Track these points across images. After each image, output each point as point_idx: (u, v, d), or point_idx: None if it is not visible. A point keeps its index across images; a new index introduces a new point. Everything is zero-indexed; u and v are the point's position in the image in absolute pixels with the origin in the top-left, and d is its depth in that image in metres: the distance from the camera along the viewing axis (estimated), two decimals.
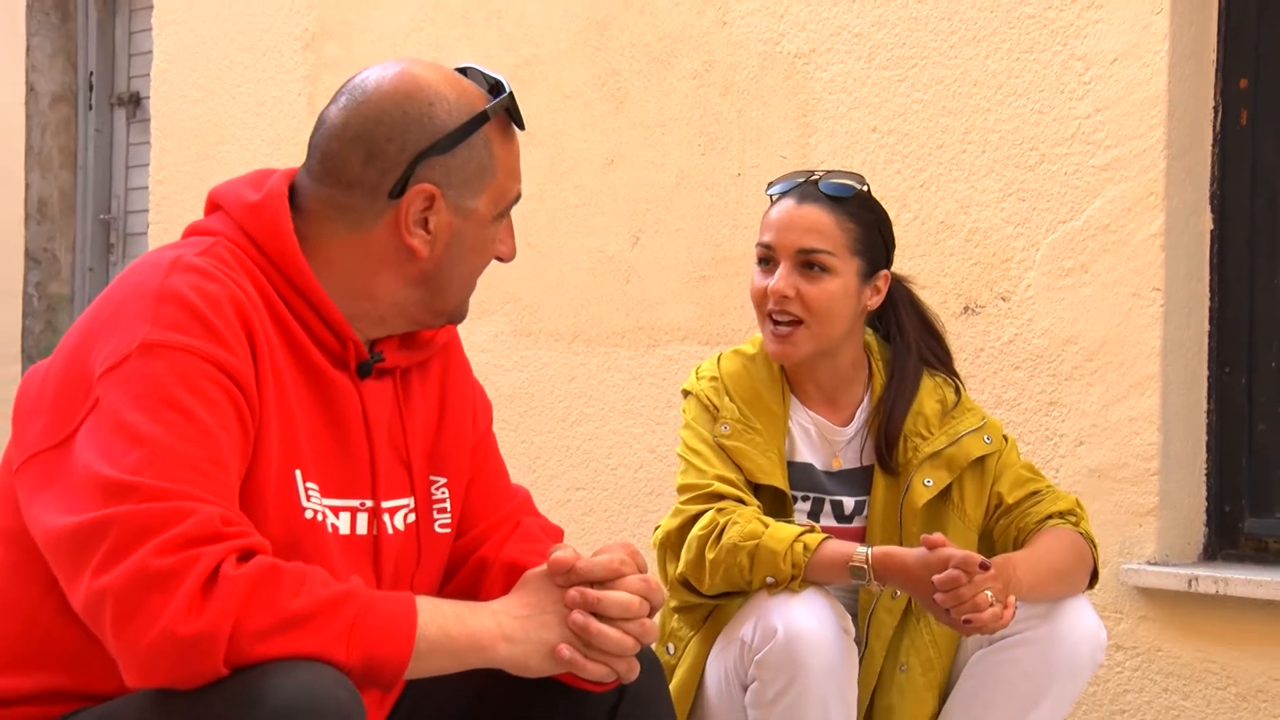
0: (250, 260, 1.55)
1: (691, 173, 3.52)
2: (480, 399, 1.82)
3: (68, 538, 1.39)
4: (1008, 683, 2.21)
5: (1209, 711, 2.82)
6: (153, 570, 1.33)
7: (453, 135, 1.56)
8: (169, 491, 1.37)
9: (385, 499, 1.63)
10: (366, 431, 1.61)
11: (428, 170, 1.56)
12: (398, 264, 1.59)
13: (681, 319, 3.52)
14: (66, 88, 5.69)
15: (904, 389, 2.30)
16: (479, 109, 1.58)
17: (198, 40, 4.60)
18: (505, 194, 1.62)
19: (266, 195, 1.57)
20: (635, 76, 3.62)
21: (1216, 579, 2.78)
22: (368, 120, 1.56)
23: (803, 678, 2.03)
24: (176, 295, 1.46)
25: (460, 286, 1.64)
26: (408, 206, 1.56)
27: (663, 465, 3.51)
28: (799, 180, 2.30)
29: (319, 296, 1.56)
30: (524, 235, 3.74)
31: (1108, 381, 2.92)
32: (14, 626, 1.52)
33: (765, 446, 2.23)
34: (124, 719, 1.42)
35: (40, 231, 5.65)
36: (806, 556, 2.07)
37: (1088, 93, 2.96)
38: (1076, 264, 2.96)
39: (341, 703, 1.36)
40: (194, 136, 4.60)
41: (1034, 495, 2.30)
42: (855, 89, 3.27)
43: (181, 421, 1.41)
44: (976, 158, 3.10)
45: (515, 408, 3.74)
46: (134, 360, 1.43)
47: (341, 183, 1.57)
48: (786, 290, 2.22)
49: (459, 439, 1.73)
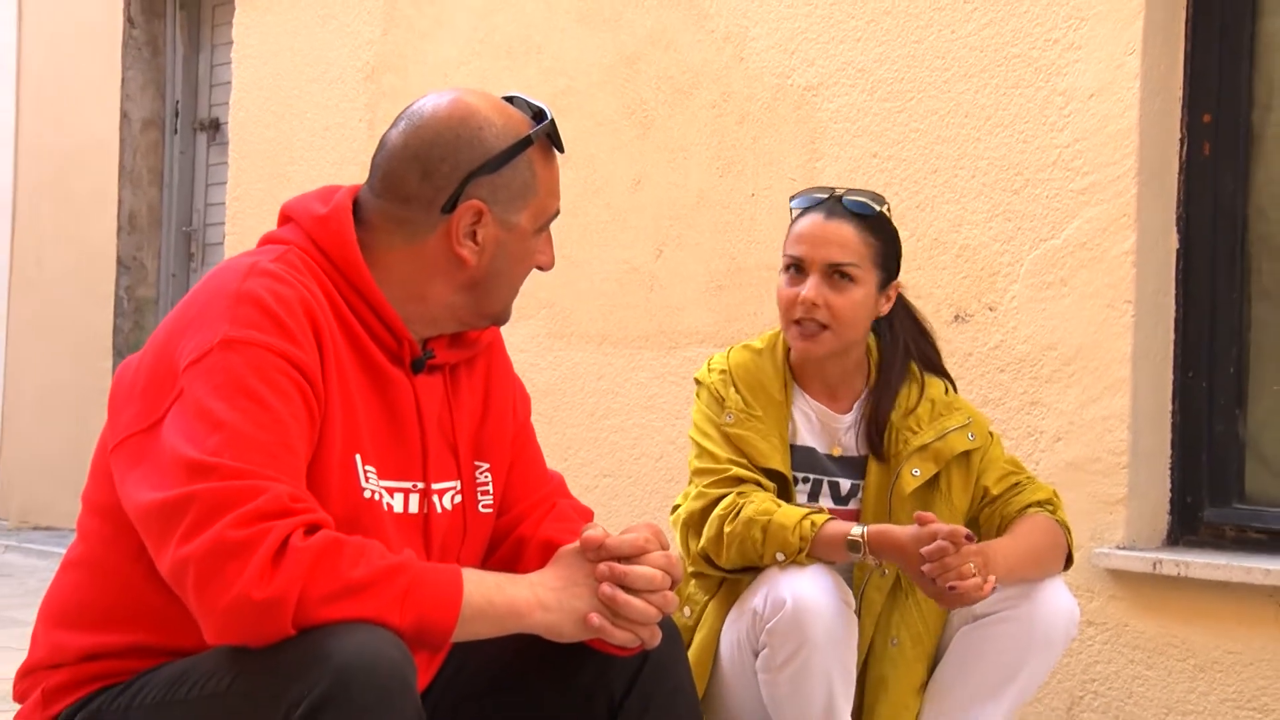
0: (318, 267, 1.55)
1: (710, 193, 3.50)
2: (520, 393, 1.81)
3: (155, 511, 1.39)
4: (991, 654, 2.19)
5: (1170, 681, 2.78)
6: (229, 541, 1.34)
7: (500, 156, 1.55)
8: (244, 471, 1.37)
9: (435, 481, 1.62)
10: (419, 421, 1.60)
11: (476, 188, 1.55)
12: (449, 272, 1.58)
13: (700, 324, 3.51)
14: (155, 114, 5.72)
15: (890, 382, 2.28)
16: (524, 133, 1.57)
17: (271, 73, 4.61)
18: (545, 210, 1.62)
19: (333, 209, 1.57)
20: (660, 106, 3.61)
21: (1178, 562, 2.75)
22: (424, 142, 1.56)
23: (809, 646, 2.02)
24: (253, 297, 1.46)
25: (504, 292, 1.63)
26: (459, 220, 1.56)
27: (681, 456, 3.48)
28: (823, 196, 2.26)
29: (378, 299, 1.56)
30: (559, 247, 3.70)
31: (1083, 384, 2.89)
32: (110, 590, 1.53)
33: (767, 432, 2.21)
34: (202, 673, 1.42)
35: (130, 241, 5.68)
36: (813, 533, 2.06)
37: (1067, 124, 2.93)
38: (1056, 278, 2.94)
39: (395, 662, 1.35)
40: (266, 158, 4.61)
41: (1015, 486, 2.27)
42: (859, 119, 3.25)
43: (256, 410, 1.41)
44: (967, 181, 3.07)
45: (550, 402, 3.73)
46: (215, 354, 1.43)
47: (400, 198, 1.57)
48: (816, 299, 2.19)
49: (501, 428, 1.72)
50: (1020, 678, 2.19)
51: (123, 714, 1.46)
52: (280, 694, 1.32)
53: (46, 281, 5.98)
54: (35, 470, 5.90)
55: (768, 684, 2.09)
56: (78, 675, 1.52)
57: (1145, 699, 2.81)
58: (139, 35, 5.67)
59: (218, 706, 1.38)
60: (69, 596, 1.56)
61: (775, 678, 2.07)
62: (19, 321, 6.13)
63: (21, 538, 5.67)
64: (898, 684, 2.24)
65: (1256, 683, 2.70)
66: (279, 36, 4.58)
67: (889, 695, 2.23)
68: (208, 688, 1.40)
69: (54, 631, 1.56)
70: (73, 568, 1.58)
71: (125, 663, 1.50)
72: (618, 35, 3.70)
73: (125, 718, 1.46)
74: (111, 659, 1.51)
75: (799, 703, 2.06)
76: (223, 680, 1.39)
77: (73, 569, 1.58)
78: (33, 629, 1.60)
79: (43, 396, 5.94)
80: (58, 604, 1.57)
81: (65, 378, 5.74)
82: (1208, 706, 2.74)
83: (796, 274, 2.23)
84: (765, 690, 2.10)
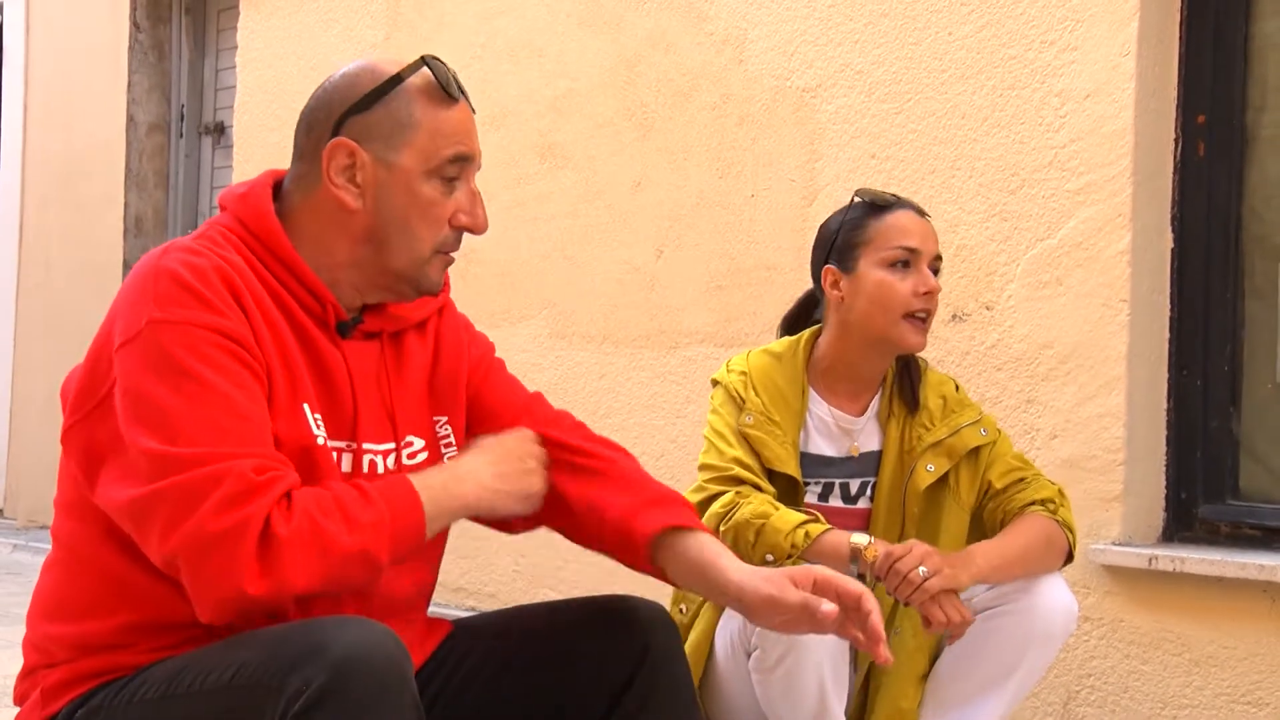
0: (239, 239, 1.55)
1: (710, 194, 3.50)
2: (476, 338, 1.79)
3: (130, 508, 1.42)
4: (991, 647, 2.19)
5: (1165, 675, 2.79)
6: (210, 532, 1.37)
7: (369, 96, 1.55)
8: (204, 456, 1.38)
9: (366, 442, 1.61)
10: (350, 383, 1.59)
11: (349, 129, 1.55)
12: (341, 221, 1.57)
13: (700, 324, 3.51)
14: (161, 118, 5.72)
15: (911, 362, 2.32)
16: (397, 74, 1.57)
17: (275, 76, 4.61)
18: (435, 152, 1.56)
19: (251, 185, 1.60)
20: (661, 108, 3.61)
21: (1173, 558, 2.75)
22: (313, 100, 1.60)
23: (798, 648, 2.01)
24: (169, 272, 1.46)
25: (405, 244, 1.58)
26: (329, 160, 1.55)
27: (682, 454, 3.49)
28: (893, 199, 2.28)
29: (295, 262, 1.56)
30: (560, 248, 3.76)
31: (1079, 382, 2.89)
32: (88, 577, 1.53)
33: (783, 438, 2.21)
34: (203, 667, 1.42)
35: (137, 244, 5.67)
36: (806, 543, 2.06)
37: (1063, 125, 2.93)
38: (1052, 277, 2.94)
39: (392, 655, 1.35)
40: (271, 161, 4.55)
41: (1020, 482, 2.27)
42: (857, 120, 3.25)
43: (198, 389, 1.41)
44: (964, 182, 3.07)
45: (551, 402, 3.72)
46: (144, 337, 1.44)
47: (297, 158, 1.60)
48: (937, 286, 2.22)
49: (454, 377, 1.71)
50: (1019, 671, 2.19)
51: (124, 709, 1.45)
52: (280, 687, 1.32)
53: (54, 284, 5.98)
54: (43, 471, 5.90)
55: (761, 684, 2.09)
56: (75, 672, 1.52)
57: (1141, 693, 2.81)
58: (144, 39, 5.67)
59: (219, 700, 1.38)
60: (51, 593, 1.57)
61: (768, 678, 2.07)
62: (27, 324, 6.13)
63: (29, 537, 5.67)
64: (899, 673, 2.24)
65: (1251, 677, 2.70)
66: (283, 40, 4.58)
67: (890, 685, 2.24)
68: (208, 682, 1.39)
69: (42, 628, 1.56)
70: (50, 569, 1.59)
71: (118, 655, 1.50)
72: (618, 38, 3.70)
73: (126, 713, 1.45)
74: (104, 650, 1.51)
75: (792, 702, 2.06)
76: (223, 674, 1.38)
77: (50, 570, 1.59)
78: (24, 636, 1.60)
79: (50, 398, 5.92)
80: (41, 603, 1.58)
81: None
82: (1203, 701, 2.75)
83: (904, 267, 2.21)
84: (759, 690, 2.10)
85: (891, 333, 2.21)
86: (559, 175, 3.75)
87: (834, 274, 2.26)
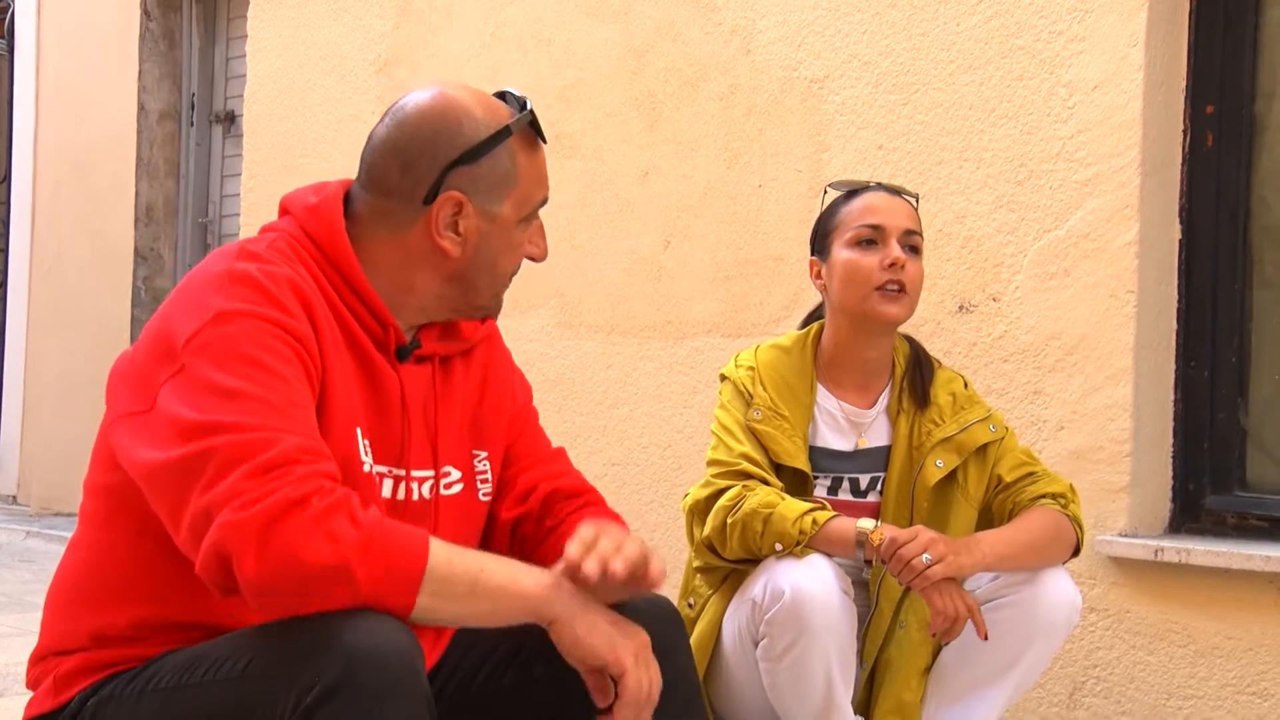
0: (308, 254, 1.56)
1: (717, 184, 3.49)
2: (520, 381, 1.81)
3: (173, 468, 1.38)
4: (994, 639, 2.19)
5: (1170, 666, 2.78)
6: (253, 491, 1.33)
7: (478, 147, 1.55)
8: (258, 425, 1.37)
9: (413, 469, 1.62)
10: (403, 408, 1.60)
11: (456, 179, 1.55)
12: (433, 263, 1.59)
13: (707, 314, 3.51)
14: (172, 106, 5.73)
15: (920, 354, 2.32)
16: (503, 124, 1.57)
17: (285, 66, 4.61)
18: (530, 199, 1.61)
19: (323, 199, 1.59)
20: (668, 98, 3.60)
21: (1179, 550, 2.74)
22: (405, 136, 1.56)
23: (807, 635, 2.02)
24: (243, 275, 1.47)
25: (491, 283, 1.63)
26: (438, 212, 1.56)
27: (689, 445, 3.49)
28: (870, 183, 2.30)
29: (364, 286, 1.56)
30: (568, 237, 3.75)
31: (1086, 373, 2.88)
32: (113, 566, 1.54)
33: (791, 432, 2.21)
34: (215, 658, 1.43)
35: (147, 233, 5.69)
36: (814, 530, 2.06)
37: (1071, 116, 2.92)
38: (1060, 269, 2.93)
39: (404, 647, 1.35)
40: (280, 150, 4.61)
41: (1030, 476, 2.27)
42: (864, 111, 3.24)
43: (259, 373, 1.41)
44: (972, 173, 3.07)
45: (559, 392, 3.73)
46: (210, 329, 1.44)
47: (383, 191, 1.57)
48: (902, 259, 2.20)
49: (498, 415, 1.73)
50: (1022, 663, 2.20)
51: (135, 699, 1.46)
52: (292, 680, 1.32)
53: (66, 273, 6.00)
54: (56, 458, 5.93)
55: (768, 673, 2.09)
56: (88, 662, 1.53)
57: (1146, 684, 2.81)
58: (155, 28, 5.67)
59: (231, 691, 1.38)
60: (73, 577, 1.58)
61: (775, 666, 2.07)
62: (40, 312, 6.15)
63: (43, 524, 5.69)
64: (903, 666, 2.24)
65: (1256, 668, 2.70)
66: (293, 29, 4.58)
67: (894, 677, 2.24)
68: (220, 672, 1.40)
69: (61, 613, 1.57)
70: (75, 550, 1.59)
71: (132, 648, 1.51)
72: (627, 28, 3.69)
73: (138, 703, 1.46)
74: (119, 643, 1.51)
75: (799, 691, 2.06)
76: (235, 665, 1.39)
77: (75, 551, 1.59)
78: (41, 616, 1.61)
79: (63, 386, 5.96)
80: (63, 586, 1.59)
81: (85, 367, 5.76)
82: (1208, 691, 2.74)
83: (869, 245, 2.22)
84: (766, 679, 2.10)
85: (865, 308, 2.22)
86: (567, 165, 3.74)
87: (816, 264, 2.30)
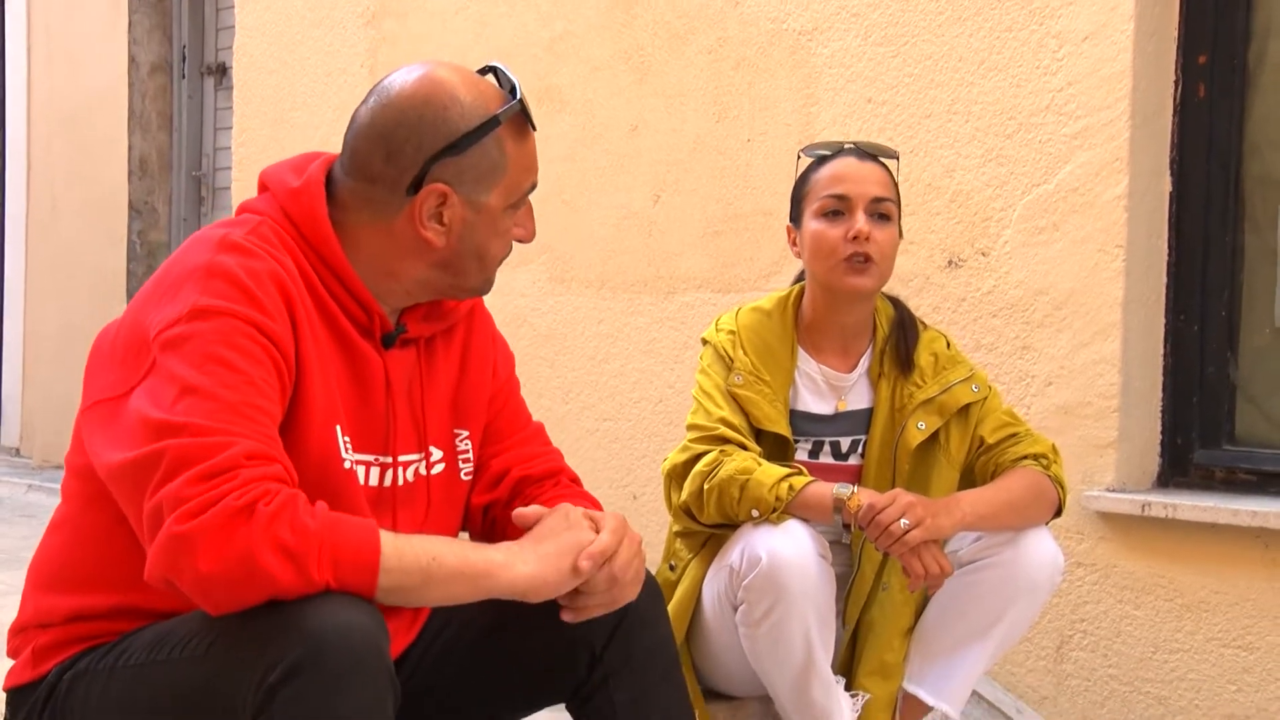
0: (290, 239, 1.53)
1: (707, 138, 3.46)
2: (502, 352, 1.80)
3: (128, 469, 1.39)
4: (975, 599, 2.20)
5: (1157, 620, 2.79)
6: (185, 498, 1.33)
7: (465, 138, 1.52)
8: (211, 429, 1.36)
9: (400, 454, 1.62)
10: (387, 394, 1.60)
11: (441, 170, 1.53)
12: (418, 251, 1.57)
13: (697, 269, 3.49)
14: (162, 59, 5.68)
15: (905, 318, 2.29)
16: (491, 113, 1.54)
17: (274, 17, 4.56)
18: (518, 187, 1.59)
19: (305, 183, 1.55)
20: (657, 51, 3.57)
21: (1166, 504, 2.74)
22: (389, 122, 1.53)
23: (785, 601, 2.02)
24: (223, 270, 1.46)
25: (480, 268, 1.61)
26: (422, 203, 1.54)
27: (680, 400, 3.49)
28: (844, 146, 2.26)
29: (348, 274, 1.55)
30: (558, 193, 3.73)
31: (1075, 328, 2.87)
32: (91, 553, 1.54)
33: (773, 397, 2.20)
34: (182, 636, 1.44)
35: (141, 186, 5.67)
36: (790, 496, 2.05)
37: (1060, 68, 2.89)
38: (1049, 223, 2.91)
39: (367, 628, 1.35)
40: (271, 103, 4.58)
41: (1013, 437, 2.26)
42: (853, 64, 3.20)
43: (224, 372, 1.41)
44: (960, 126, 3.03)
45: (551, 347, 3.73)
46: (185, 323, 1.43)
47: (366, 178, 1.55)
48: (869, 232, 2.17)
49: (478, 393, 1.72)
50: (1004, 623, 2.20)
51: (107, 675, 1.48)
52: (254, 661, 1.33)
53: (61, 227, 5.99)
54: (57, 410, 5.95)
55: (747, 638, 2.09)
56: (64, 635, 1.54)
57: (1133, 638, 2.82)
58: None
59: (196, 670, 1.39)
60: (53, 559, 1.58)
61: (754, 632, 2.07)
62: (37, 265, 6.14)
63: (45, 476, 5.72)
64: (885, 627, 2.25)
65: (1242, 622, 2.70)
66: None
67: (876, 638, 2.25)
68: (186, 651, 1.41)
69: (40, 594, 1.58)
70: (57, 529, 1.59)
71: (109, 624, 1.52)
72: None
73: (110, 678, 1.48)
74: (96, 620, 1.53)
75: (778, 656, 2.07)
76: (200, 644, 1.40)
77: (57, 530, 1.59)
78: (23, 590, 1.62)
79: (62, 339, 5.97)
80: (43, 567, 1.59)
81: (83, 321, 5.76)
82: (1194, 645, 2.75)
83: (836, 216, 2.19)
84: (745, 644, 2.10)
85: (833, 279, 2.20)
86: (556, 119, 3.71)
87: (791, 231, 2.28)
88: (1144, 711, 2.81)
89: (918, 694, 2.24)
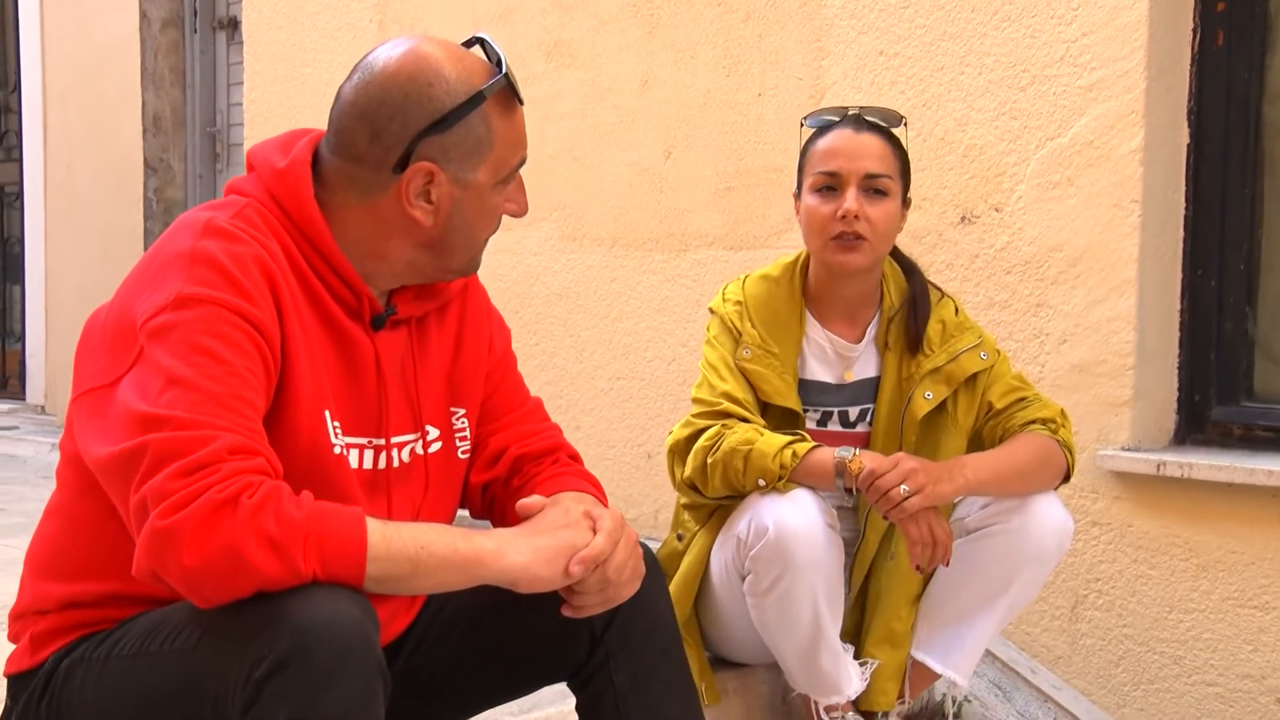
0: (276, 221, 1.52)
1: (717, 93, 3.42)
2: (498, 327, 1.78)
3: (114, 463, 1.38)
4: (983, 566, 2.19)
5: (1173, 580, 2.77)
6: (168, 492, 1.32)
7: (450, 115, 1.50)
8: (194, 422, 1.35)
9: (394, 435, 1.61)
10: (378, 377, 1.58)
11: (427, 148, 1.50)
12: (405, 230, 1.55)
13: (709, 226, 3.46)
14: (174, 14, 5.64)
15: (918, 287, 2.26)
16: (476, 88, 1.51)
17: None
18: (506, 163, 1.56)
19: (290, 163, 1.53)
20: (666, 4, 3.51)
21: (1182, 464, 2.72)
22: (373, 100, 1.50)
23: (792, 570, 2.02)
24: (208, 256, 1.44)
25: (467, 247, 1.59)
26: (408, 182, 1.51)
27: (692, 358, 3.46)
28: (845, 113, 2.22)
29: (336, 256, 1.53)
30: (569, 149, 3.69)
31: (1089, 285, 2.83)
32: (85, 540, 1.54)
33: (781, 369, 2.18)
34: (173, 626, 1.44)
35: (156, 143, 5.65)
36: (794, 462, 2.04)
37: (1075, 18, 2.83)
38: (1063, 177, 2.86)
39: (355, 620, 1.35)
40: (281, 59, 4.54)
41: (1021, 401, 2.24)
42: (864, 15, 3.15)
43: (209, 363, 1.39)
44: (973, 79, 2.98)
45: (563, 305, 3.71)
46: (170, 312, 1.42)
47: (352, 157, 1.52)
48: (858, 211, 2.14)
49: (474, 370, 1.71)
50: (1012, 590, 2.20)
51: (101, 664, 1.49)
52: (242, 653, 1.33)
53: (77, 185, 5.99)
54: None
55: (755, 607, 2.09)
56: (61, 622, 1.55)
57: (1148, 597, 2.80)
58: None
59: (186, 662, 1.40)
60: (49, 545, 1.58)
61: (762, 602, 2.07)
62: (57, 226, 6.15)
63: None
64: (892, 595, 2.25)
65: (1258, 581, 2.68)
66: None
67: (884, 607, 2.25)
68: (177, 643, 1.41)
69: (36, 580, 1.59)
70: (52, 516, 1.59)
71: (105, 611, 1.52)
72: None
73: (104, 667, 1.48)
74: (91, 607, 1.53)
75: (786, 625, 2.07)
76: (191, 636, 1.40)
77: (52, 517, 1.59)
78: (20, 575, 1.63)
79: (81, 298, 5.99)
80: (39, 553, 1.60)
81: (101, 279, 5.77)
82: (1209, 605, 2.74)
83: (829, 191, 2.16)
84: (754, 613, 2.11)
85: (824, 256, 2.19)
86: (566, 74, 3.67)
87: (796, 201, 2.25)
88: (1159, 671, 2.80)
89: (926, 661, 2.24)
